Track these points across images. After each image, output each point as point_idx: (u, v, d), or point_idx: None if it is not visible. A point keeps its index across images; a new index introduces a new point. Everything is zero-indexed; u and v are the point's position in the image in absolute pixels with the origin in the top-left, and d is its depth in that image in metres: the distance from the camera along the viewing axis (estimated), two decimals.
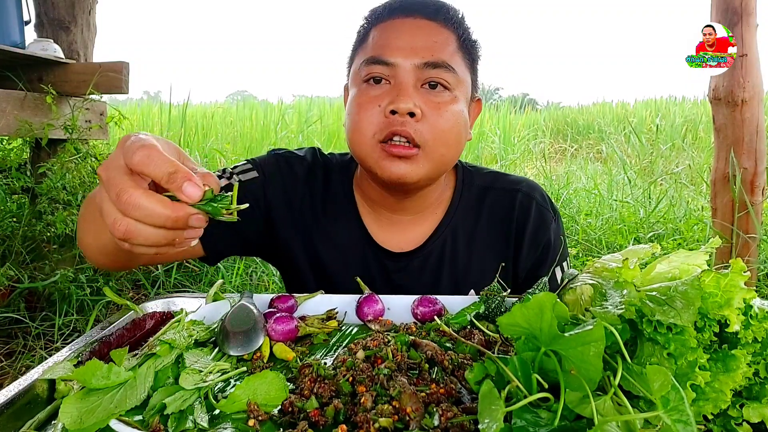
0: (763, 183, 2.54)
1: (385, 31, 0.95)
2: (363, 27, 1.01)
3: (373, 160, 0.92)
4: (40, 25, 3.13)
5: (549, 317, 0.45)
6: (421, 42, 0.92)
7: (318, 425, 0.52)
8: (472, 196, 1.09)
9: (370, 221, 1.08)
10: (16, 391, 0.57)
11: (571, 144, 9.22)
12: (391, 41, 0.93)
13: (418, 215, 1.07)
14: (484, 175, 1.12)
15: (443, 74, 0.91)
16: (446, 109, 0.91)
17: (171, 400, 0.55)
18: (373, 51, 0.93)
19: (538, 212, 1.07)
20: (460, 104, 0.94)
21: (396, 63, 0.91)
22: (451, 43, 0.94)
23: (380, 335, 0.68)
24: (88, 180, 2.75)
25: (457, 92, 0.94)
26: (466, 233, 1.07)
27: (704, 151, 6.87)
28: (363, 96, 0.93)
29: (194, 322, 0.73)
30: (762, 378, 0.50)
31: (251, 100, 10.50)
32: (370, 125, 0.91)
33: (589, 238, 3.56)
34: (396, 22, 0.95)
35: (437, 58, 0.91)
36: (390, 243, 1.06)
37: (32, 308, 2.59)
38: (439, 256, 1.06)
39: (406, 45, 0.91)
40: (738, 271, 0.49)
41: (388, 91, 0.91)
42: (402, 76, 0.91)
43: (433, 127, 0.90)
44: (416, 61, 0.90)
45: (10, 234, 2.70)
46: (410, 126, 0.89)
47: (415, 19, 0.94)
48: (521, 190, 1.08)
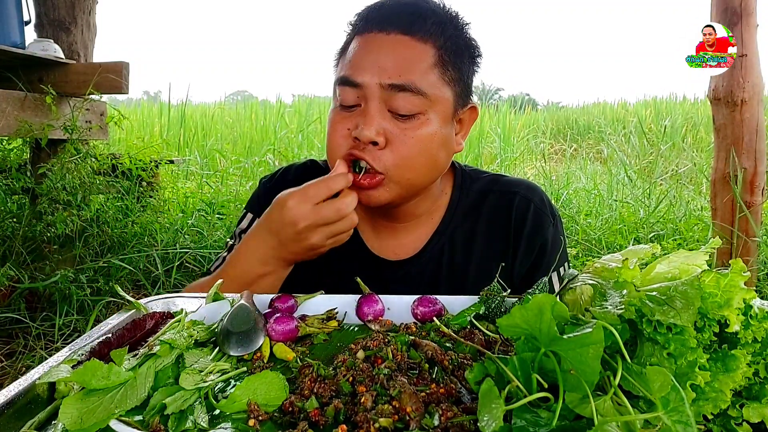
0: (763, 183, 2.54)
1: (359, 46, 0.93)
2: (349, 32, 0.98)
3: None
4: (40, 26, 3.14)
5: (548, 318, 0.45)
6: (390, 61, 0.89)
7: (318, 425, 0.52)
8: (469, 200, 1.07)
9: (364, 229, 1.07)
10: (17, 392, 0.57)
11: (570, 144, 9.22)
12: (362, 59, 0.91)
13: (414, 222, 1.05)
14: (482, 179, 1.10)
15: (410, 99, 0.88)
16: (413, 134, 0.89)
17: (171, 400, 0.55)
18: (346, 69, 0.92)
19: (535, 215, 1.05)
20: (431, 126, 0.91)
21: (363, 84, 0.89)
22: (426, 59, 0.90)
23: (380, 335, 0.68)
24: (88, 180, 2.76)
25: (430, 113, 0.91)
26: (463, 239, 1.05)
27: (704, 151, 6.88)
28: (337, 116, 0.93)
29: (194, 322, 0.73)
30: (762, 378, 0.50)
31: (251, 100, 10.51)
32: (338, 148, 0.92)
33: (589, 238, 3.56)
34: (371, 36, 0.92)
35: (404, 80, 0.88)
36: (386, 251, 1.05)
37: (32, 308, 2.59)
38: (436, 263, 1.04)
39: (373, 64, 0.89)
40: (738, 271, 0.49)
41: (357, 114, 0.90)
42: (369, 100, 0.89)
43: (397, 154, 0.89)
44: (383, 82, 0.88)
45: (11, 234, 2.70)
46: (370, 154, 0.89)
47: (389, 35, 0.91)
48: (519, 193, 1.06)
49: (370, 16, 0.94)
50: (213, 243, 3.22)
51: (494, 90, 33.44)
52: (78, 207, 2.72)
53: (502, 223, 1.05)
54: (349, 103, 0.91)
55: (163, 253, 2.99)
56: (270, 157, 5.50)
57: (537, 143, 8.29)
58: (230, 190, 4.32)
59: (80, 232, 2.74)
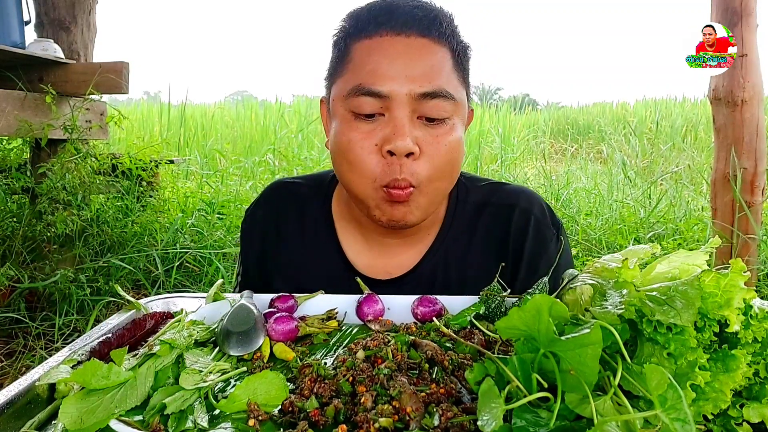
0: (763, 183, 2.54)
1: (373, 52, 0.84)
2: (341, 35, 0.90)
3: (374, 202, 0.86)
4: (40, 25, 3.14)
5: (546, 320, 0.45)
6: (419, 69, 0.82)
7: (318, 425, 0.52)
8: (466, 214, 1.01)
9: (352, 247, 1.01)
10: (17, 392, 0.57)
11: (571, 144, 9.23)
12: (382, 67, 0.82)
13: (409, 238, 0.99)
14: (480, 188, 1.03)
15: (441, 104, 0.83)
16: (445, 142, 0.84)
17: (171, 400, 0.55)
18: (363, 78, 0.83)
19: (536, 230, 0.98)
20: (458, 131, 0.86)
21: (390, 95, 0.81)
22: (447, 61, 0.85)
23: (380, 335, 0.68)
24: (88, 180, 2.76)
25: (455, 119, 0.86)
26: (458, 256, 0.99)
27: (704, 151, 6.88)
28: (355, 131, 0.84)
29: (194, 322, 0.73)
30: (762, 378, 0.50)
31: (251, 100, 10.51)
32: (369, 168, 0.83)
33: (589, 238, 3.56)
34: (385, 40, 0.84)
35: (436, 87, 0.82)
36: (375, 269, 0.99)
37: (32, 308, 2.59)
38: (429, 281, 0.98)
39: (400, 73, 0.81)
40: (738, 271, 0.49)
41: (383, 125, 0.83)
42: (397, 109, 0.81)
43: (431, 163, 0.84)
44: (413, 92, 0.81)
45: (11, 234, 2.70)
46: (407, 168, 0.82)
47: (408, 38, 0.83)
48: (518, 205, 0.99)
49: (379, 18, 0.85)
50: (213, 243, 3.22)
51: (494, 90, 33.37)
52: (78, 207, 2.72)
53: (501, 239, 0.99)
54: (368, 112, 0.83)
55: (163, 253, 2.99)
56: (270, 157, 5.50)
57: (537, 143, 8.30)
58: (230, 190, 4.32)
59: (80, 232, 2.74)
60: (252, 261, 1.07)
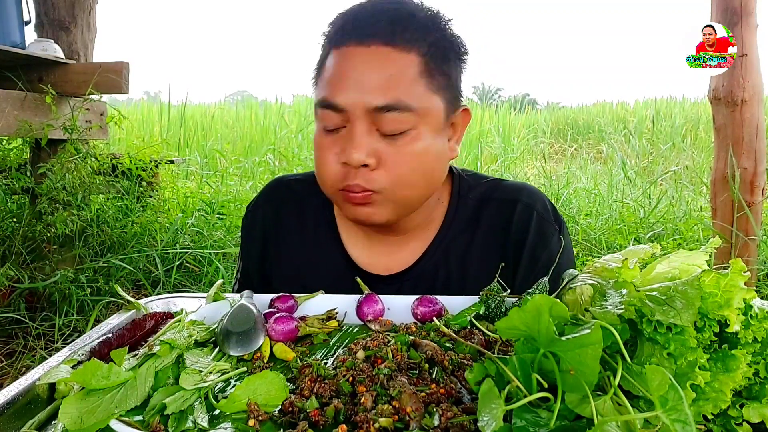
0: (762, 183, 2.54)
1: (338, 62, 0.85)
2: (323, 42, 0.91)
3: (338, 203, 0.91)
4: (40, 26, 3.14)
5: (546, 320, 0.45)
6: (375, 80, 0.82)
7: (318, 425, 0.52)
8: (467, 210, 1.01)
9: (353, 243, 1.02)
10: (17, 392, 0.57)
11: (571, 144, 9.23)
12: (341, 79, 0.84)
13: (408, 234, 1.00)
14: (482, 185, 1.03)
15: (398, 117, 0.82)
16: (408, 152, 0.84)
17: (171, 400, 0.55)
18: (326, 90, 0.85)
19: (539, 226, 0.98)
20: (424, 139, 0.85)
21: (347, 108, 0.83)
22: (410, 68, 0.83)
23: (380, 335, 0.68)
24: (88, 180, 2.76)
25: (421, 127, 0.85)
26: (460, 252, 0.99)
27: (704, 151, 6.88)
28: (323, 139, 0.88)
29: (194, 322, 0.73)
30: (762, 378, 0.50)
31: (251, 100, 10.51)
32: (328, 173, 0.87)
33: (589, 238, 3.57)
34: (350, 50, 0.84)
35: (391, 99, 0.81)
36: (377, 266, 1.00)
37: (32, 308, 2.59)
38: (431, 277, 0.98)
39: (355, 85, 0.82)
40: (738, 271, 0.49)
41: (342, 137, 0.85)
42: (354, 122, 0.83)
43: (393, 173, 0.84)
44: (369, 105, 0.82)
45: (11, 234, 2.70)
46: (362, 177, 0.83)
47: (369, 47, 0.83)
48: (521, 201, 0.99)
49: (346, 26, 0.86)
50: (213, 243, 3.23)
51: (494, 90, 33.36)
52: (78, 207, 2.72)
53: (503, 233, 0.99)
54: (334, 126, 0.85)
55: (163, 253, 3.00)
56: (270, 157, 5.51)
57: (537, 143, 8.30)
58: (230, 190, 4.33)
59: (80, 232, 2.74)
60: (253, 258, 1.08)
